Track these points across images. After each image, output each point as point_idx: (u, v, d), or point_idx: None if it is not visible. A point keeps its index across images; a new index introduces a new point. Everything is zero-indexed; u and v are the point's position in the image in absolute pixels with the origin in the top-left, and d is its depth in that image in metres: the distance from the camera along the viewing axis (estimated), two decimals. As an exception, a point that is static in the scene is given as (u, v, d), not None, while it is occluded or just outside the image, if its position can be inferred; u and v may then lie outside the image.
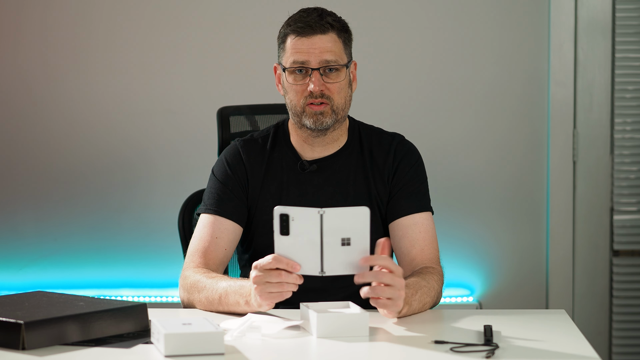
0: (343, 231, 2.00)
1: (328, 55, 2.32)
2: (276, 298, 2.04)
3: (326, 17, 2.35)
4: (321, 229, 1.99)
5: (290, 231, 1.99)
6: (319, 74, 2.32)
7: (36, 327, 1.87)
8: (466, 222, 3.81)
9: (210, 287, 2.22)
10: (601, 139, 3.83)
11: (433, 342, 1.94)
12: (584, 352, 1.89)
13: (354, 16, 2.53)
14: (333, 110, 2.34)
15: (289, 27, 2.35)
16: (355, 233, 2.00)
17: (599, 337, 3.83)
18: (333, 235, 2.00)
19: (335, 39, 2.34)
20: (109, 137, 3.81)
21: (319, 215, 1.99)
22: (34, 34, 3.80)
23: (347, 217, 2.00)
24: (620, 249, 3.86)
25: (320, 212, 1.98)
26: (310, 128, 2.36)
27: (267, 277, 2.02)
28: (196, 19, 3.80)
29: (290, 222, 1.99)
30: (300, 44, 2.33)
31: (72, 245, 3.82)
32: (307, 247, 2.00)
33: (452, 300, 3.79)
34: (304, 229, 1.99)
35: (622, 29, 3.81)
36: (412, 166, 2.45)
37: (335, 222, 1.99)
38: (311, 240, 1.99)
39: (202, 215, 2.41)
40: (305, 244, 2.00)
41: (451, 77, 3.81)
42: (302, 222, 1.99)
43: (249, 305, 2.13)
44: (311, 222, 1.99)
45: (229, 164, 2.44)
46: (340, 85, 2.34)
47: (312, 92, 2.32)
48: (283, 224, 1.99)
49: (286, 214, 1.99)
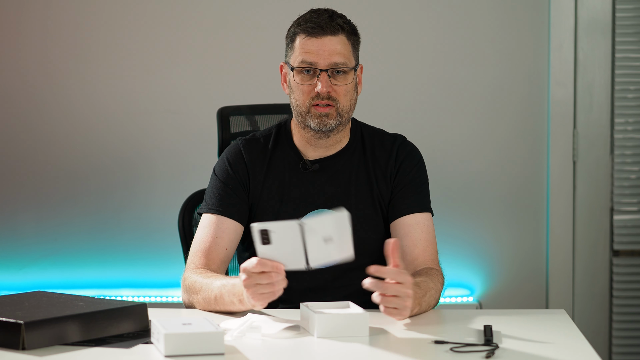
0: (325, 234, 1.99)
1: (337, 58, 2.32)
2: (268, 298, 2.05)
3: (337, 19, 2.34)
4: (303, 237, 1.99)
5: (271, 241, 1.99)
6: (326, 76, 2.32)
7: (36, 327, 1.87)
8: (466, 222, 3.81)
9: (207, 287, 2.23)
10: (601, 139, 3.83)
11: (433, 342, 1.94)
12: (584, 352, 1.89)
13: (354, 17, 2.52)
14: (338, 112, 2.34)
15: (299, 27, 2.34)
16: (337, 235, 2.00)
17: (599, 337, 3.83)
18: (315, 238, 1.99)
19: (344, 41, 2.34)
20: (110, 137, 3.81)
21: (299, 226, 1.98)
22: (34, 34, 3.80)
23: (328, 223, 1.99)
24: (620, 249, 3.86)
25: (300, 223, 1.98)
26: (314, 129, 2.36)
27: (256, 279, 2.02)
28: (196, 19, 3.80)
29: (271, 234, 1.99)
30: (310, 44, 2.32)
31: (72, 245, 3.82)
32: (289, 251, 2.00)
33: (452, 300, 3.79)
34: (285, 239, 1.99)
35: (622, 29, 3.81)
36: (414, 167, 2.45)
37: (316, 229, 1.98)
38: (293, 247, 1.99)
39: (204, 215, 2.41)
40: (288, 249, 2.00)
41: (451, 78, 3.81)
42: (282, 234, 1.98)
43: (243, 304, 2.14)
44: (292, 232, 1.98)
45: (230, 164, 2.44)
46: (347, 88, 2.34)
47: (319, 93, 2.32)
48: (264, 237, 1.99)
49: (265, 229, 1.98)
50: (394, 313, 2.05)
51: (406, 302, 2.04)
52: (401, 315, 2.06)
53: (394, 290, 2.03)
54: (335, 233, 1.99)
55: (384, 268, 2.03)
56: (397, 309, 2.04)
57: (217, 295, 2.19)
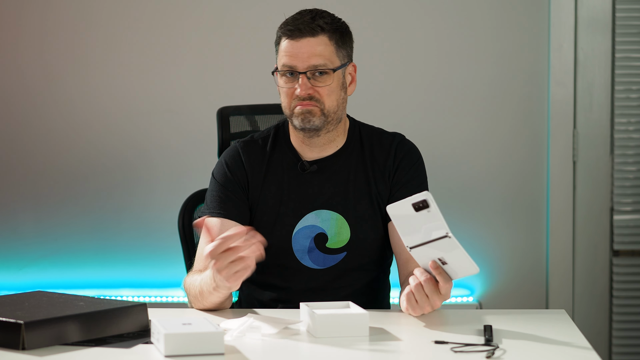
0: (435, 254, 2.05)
1: (315, 60, 2.32)
2: (242, 274, 2.04)
3: (318, 20, 2.33)
4: (434, 241, 2.03)
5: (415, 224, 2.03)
6: (305, 78, 2.32)
7: (36, 327, 1.87)
8: (466, 222, 3.81)
9: (192, 286, 2.25)
10: (601, 139, 3.83)
11: (433, 342, 1.94)
12: (584, 352, 1.89)
13: (354, 18, 2.52)
14: (323, 112, 2.34)
15: (281, 30, 2.35)
16: (449, 258, 2.04)
17: (599, 337, 3.83)
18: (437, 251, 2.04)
19: (325, 42, 2.33)
20: (109, 137, 3.81)
21: (447, 236, 2.00)
22: (33, 34, 3.80)
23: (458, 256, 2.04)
24: (620, 249, 3.86)
25: (447, 233, 2.00)
26: (299, 128, 2.35)
27: (224, 259, 2.01)
28: (196, 19, 3.80)
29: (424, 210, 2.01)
30: (290, 47, 2.33)
31: (72, 245, 3.82)
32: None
33: (452, 300, 3.79)
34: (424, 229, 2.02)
35: (622, 28, 3.81)
36: (413, 165, 2.45)
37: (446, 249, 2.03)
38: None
39: (206, 219, 2.41)
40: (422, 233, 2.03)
41: (451, 78, 3.81)
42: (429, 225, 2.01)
43: (218, 290, 2.13)
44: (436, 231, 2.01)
45: (229, 167, 2.44)
46: (330, 89, 2.34)
47: (299, 95, 2.33)
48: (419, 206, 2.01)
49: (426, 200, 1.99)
50: (413, 306, 2.08)
51: (426, 307, 2.08)
52: (414, 312, 2.10)
53: (430, 291, 2.05)
54: (446, 256, 2.03)
55: (441, 268, 2.05)
56: (418, 303, 2.07)
57: (200, 291, 2.21)
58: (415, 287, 2.07)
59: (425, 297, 2.07)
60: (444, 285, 2.06)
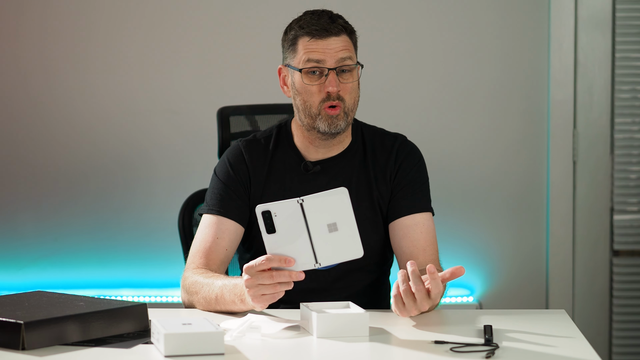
0: (327, 216, 1.99)
1: (343, 54, 2.33)
2: (269, 300, 2.04)
3: (337, 20, 2.35)
4: (305, 218, 1.99)
5: (276, 228, 1.99)
6: (334, 74, 2.32)
7: (36, 327, 1.87)
8: (466, 222, 3.81)
9: (207, 287, 2.23)
10: (601, 139, 3.83)
11: (433, 342, 1.94)
12: (584, 352, 1.89)
13: (355, 18, 2.52)
14: (345, 112, 2.34)
15: (302, 30, 2.33)
16: (339, 216, 2.00)
17: (599, 337, 3.83)
18: (318, 223, 1.99)
19: (347, 40, 2.35)
20: (109, 137, 3.81)
21: (299, 205, 1.98)
22: (33, 34, 3.80)
23: (328, 201, 1.99)
24: (620, 249, 3.86)
25: (299, 201, 1.98)
26: (323, 132, 2.35)
27: (259, 279, 2.01)
28: (196, 19, 3.80)
29: (274, 219, 1.99)
30: (316, 45, 2.32)
31: (72, 245, 3.82)
32: (296, 241, 1.99)
33: (452, 300, 3.79)
34: (288, 223, 1.99)
35: (622, 28, 3.81)
36: (414, 166, 2.45)
37: (317, 208, 1.98)
38: (298, 232, 1.99)
39: (205, 215, 2.41)
40: (294, 237, 1.99)
41: (451, 78, 3.81)
42: (285, 216, 1.98)
43: (244, 304, 2.13)
44: (293, 213, 1.98)
45: (231, 165, 2.44)
46: (352, 86, 2.35)
47: (330, 93, 2.32)
48: (267, 222, 1.99)
49: (267, 210, 1.99)
50: (400, 309, 2.05)
51: (413, 311, 2.04)
52: (401, 314, 2.07)
53: (419, 294, 2.02)
54: (337, 214, 1.99)
55: (437, 273, 2.01)
56: (405, 306, 2.04)
57: (218, 295, 2.19)
58: (404, 291, 2.05)
59: (413, 301, 2.04)
60: (434, 290, 2.03)
